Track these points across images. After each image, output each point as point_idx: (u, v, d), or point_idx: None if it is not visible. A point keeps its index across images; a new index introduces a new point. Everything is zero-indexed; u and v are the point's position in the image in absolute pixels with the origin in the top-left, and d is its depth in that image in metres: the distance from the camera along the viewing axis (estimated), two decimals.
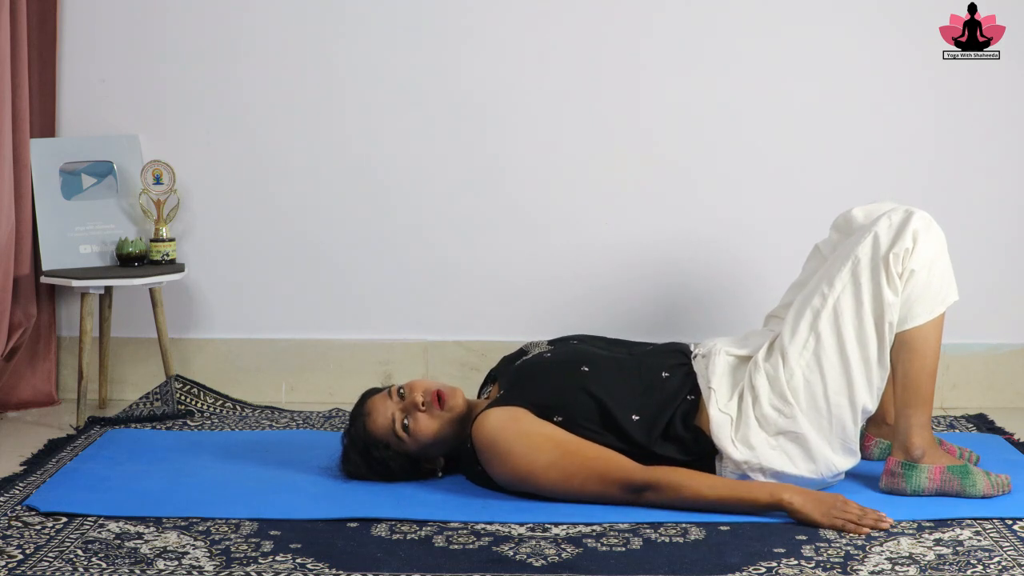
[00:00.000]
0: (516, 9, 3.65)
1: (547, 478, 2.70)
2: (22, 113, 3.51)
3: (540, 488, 2.71)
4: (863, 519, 2.58)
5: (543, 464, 2.70)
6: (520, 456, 2.71)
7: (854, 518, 2.59)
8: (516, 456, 2.71)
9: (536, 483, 2.71)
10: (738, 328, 3.42)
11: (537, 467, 2.70)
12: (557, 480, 2.70)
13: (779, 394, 2.75)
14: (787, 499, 2.62)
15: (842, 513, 2.59)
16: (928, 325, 2.75)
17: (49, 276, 3.52)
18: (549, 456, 2.70)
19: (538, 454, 2.70)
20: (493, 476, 2.76)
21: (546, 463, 2.70)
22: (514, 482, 2.73)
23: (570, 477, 2.69)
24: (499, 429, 2.73)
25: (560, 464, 2.69)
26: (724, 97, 3.66)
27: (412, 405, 2.82)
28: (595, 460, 2.69)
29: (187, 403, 3.56)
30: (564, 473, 2.69)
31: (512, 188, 3.70)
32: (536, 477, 2.70)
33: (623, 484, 2.67)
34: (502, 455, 2.72)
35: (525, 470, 2.71)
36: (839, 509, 2.60)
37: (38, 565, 2.39)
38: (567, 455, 2.70)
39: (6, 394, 3.60)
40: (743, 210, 3.69)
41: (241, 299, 3.75)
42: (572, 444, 2.72)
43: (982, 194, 3.67)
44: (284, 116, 3.70)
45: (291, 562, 2.41)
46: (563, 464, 2.69)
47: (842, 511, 2.60)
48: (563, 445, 2.71)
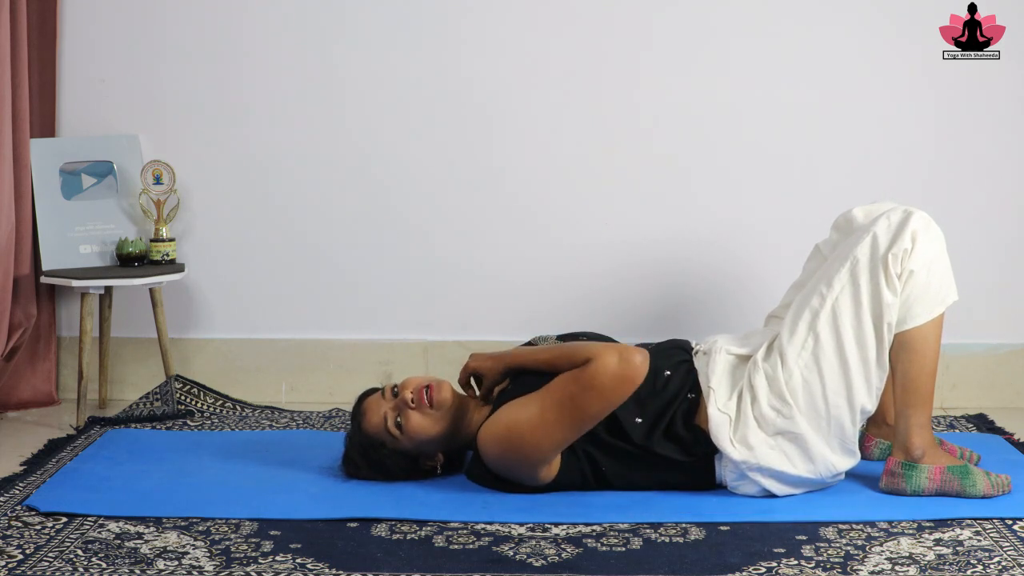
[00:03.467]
0: (516, 10, 3.65)
1: (554, 429, 2.68)
2: (22, 113, 3.51)
3: (561, 442, 2.70)
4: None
5: (540, 422, 2.68)
6: (523, 428, 2.68)
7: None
8: (520, 432, 2.68)
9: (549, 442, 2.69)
10: (738, 328, 3.41)
11: (539, 430, 2.68)
12: (563, 428, 2.68)
13: (778, 394, 2.75)
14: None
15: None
16: (928, 325, 2.75)
17: (49, 276, 3.52)
18: (540, 411, 2.68)
19: (533, 417, 2.68)
20: (513, 473, 2.74)
21: (541, 418, 2.67)
22: (533, 461, 2.71)
23: (567, 417, 2.67)
24: (496, 426, 2.73)
25: (552, 408, 2.68)
26: (724, 97, 3.66)
27: (403, 403, 2.82)
28: (564, 381, 2.69)
29: (187, 403, 3.56)
30: (561, 415, 2.67)
31: (512, 188, 3.70)
32: (548, 436, 2.68)
33: (587, 385, 2.67)
34: (515, 441, 2.70)
35: (533, 439, 2.68)
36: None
37: (38, 565, 2.40)
38: (548, 395, 2.69)
39: (6, 394, 3.60)
40: (743, 210, 3.69)
41: (241, 299, 3.75)
42: (544, 389, 2.72)
43: (982, 194, 3.67)
44: (284, 116, 3.70)
45: (291, 562, 2.42)
46: (554, 407, 2.68)
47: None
48: (541, 395, 2.71)
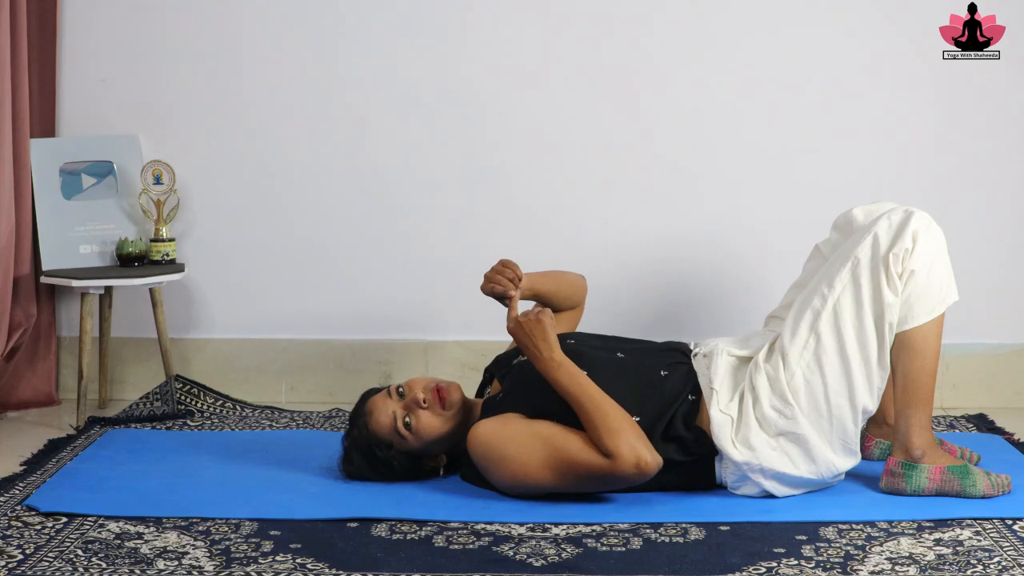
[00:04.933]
0: (517, 9, 3.65)
1: (543, 477, 2.70)
2: (22, 113, 3.51)
3: (541, 487, 2.72)
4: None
5: (537, 464, 2.70)
6: (513, 459, 2.71)
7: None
8: (510, 460, 2.71)
9: (535, 483, 2.71)
10: (739, 328, 3.42)
11: (532, 468, 2.70)
12: (553, 479, 2.70)
13: (779, 395, 2.75)
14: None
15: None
16: (928, 325, 2.75)
17: (49, 276, 3.52)
18: (541, 454, 2.70)
19: (530, 455, 2.70)
20: (494, 484, 2.77)
21: (539, 462, 2.69)
22: (514, 486, 2.73)
23: (564, 476, 2.69)
24: (490, 437, 2.74)
25: (552, 462, 2.69)
26: (724, 97, 3.66)
27: (413, 402, 2.82)
28: (578, 455, 2.67)
29: (187, 403, 3.56)
30: (558, 472, 2.69)
31: (513, 188, 3.70)
32: (533, 477, 2.70)
33: (597, 474, 2.67)
34: (496, 461, 2.72)
35: (521, 472, 2.71)
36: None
37: (38, 565, 2.39)
38: (556, 451, 2.69)
39: (6, 394, 3.60)
40: (743, 210, 3.69)
41: (241, 299, 3.75)
42: (559, 439, 2.70)
43: (982, 194, 3.67)
44: (284, 116, 3.70)
45: (291, 562, 2.41)
46: (554, 462, 2.69)
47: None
48: (551, 441, 2.70)
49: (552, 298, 3.06)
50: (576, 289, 3.16)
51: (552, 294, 3.06)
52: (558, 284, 3.09)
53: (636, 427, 2.67)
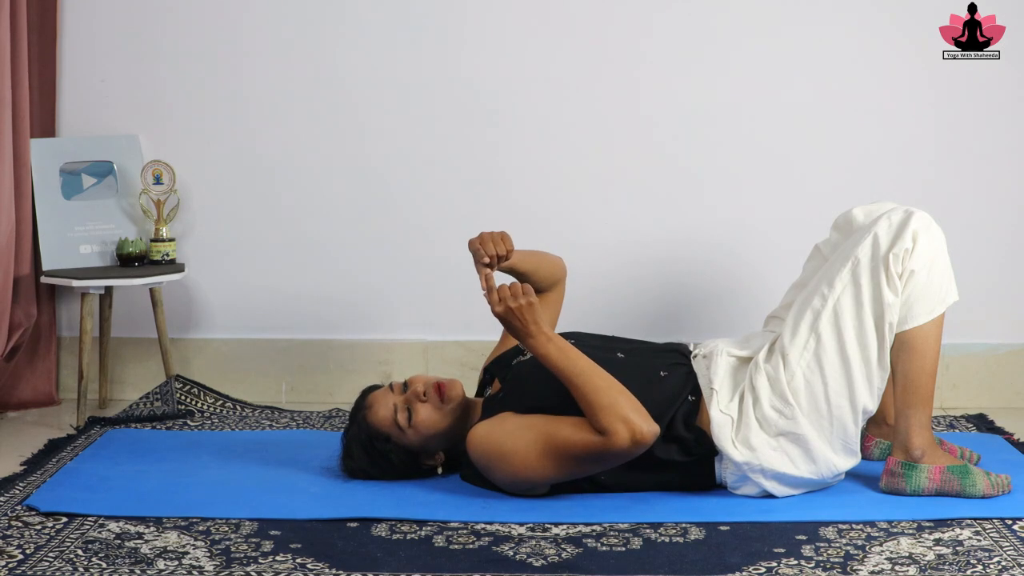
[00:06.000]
0: (518, 9, 3.65)
1: (544, 467, 2.70)
2: (22, 113, 3.51)
3: (544, 478, 2.72)
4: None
5: (536, 455, 2.69)
6: (512, 454, 2.71)
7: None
8: (509, 456, 2.71)
9: (538, 475, 2.71)
10: (739, 328, 3.42)
11: (531, 459, 2.70)
12: (555, 468, 2.70)
13: (780, 395, 2.75)
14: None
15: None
16: (928, 325, 2.75)
17: (49, 276, 3.52)
18: (538, 444, 2.69)
19: (528, 447, 2.70)
20: (497, 483, 2.77)
21: (538, 452, 2.69)
22: (517, 482, 2.73)
23: (563, 461, 2.69)
24: (487, 436, 2.74)
25: (548, 449, 2.69)
26: (724, 97, 3.66)
27: (414, 396, 2.82)
28: (571, 437, 2.67)
29: (187, 403, 3.56)
30: (556, 459, 2.69)
31: (513, 188, 3.71)
32: (534, 469, 2.70)
33: (594, 453, 2.67)
34: (496, 459, 2.72)
35: (522, 466, 2.70)
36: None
37: (38, 565, 2.39)
38: (549, 437, 2.69)
39: (6, 394, 3.60)
40: (743, 210, 3.69)
41: (241, 299, 3.75)
42: (550, 425, 2.70)
43: (982, 194, 3.67)
44: (284, 116, 3.70)
45: (291, 562, 2.41)
46: (550, 449, 2.69)
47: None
48: (543, 428, 2.70)
49: (532, 276, 3.06)
50: (556, 270, 3.15)
51: (532, 272, 3.06)
52: (539, 263, 3.08)
53: (630, 398, 2.66)
